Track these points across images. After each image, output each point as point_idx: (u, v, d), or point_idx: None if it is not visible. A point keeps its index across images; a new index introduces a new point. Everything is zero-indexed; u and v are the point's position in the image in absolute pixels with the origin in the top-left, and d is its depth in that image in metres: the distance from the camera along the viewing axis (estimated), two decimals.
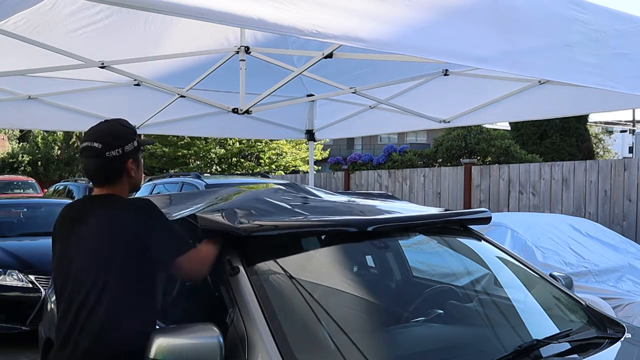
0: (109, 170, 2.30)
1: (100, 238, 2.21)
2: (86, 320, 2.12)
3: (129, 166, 2.32)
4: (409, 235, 3.01)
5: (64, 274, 2.27)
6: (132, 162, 2.33)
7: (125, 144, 2.30)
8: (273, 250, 2.56)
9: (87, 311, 2.13)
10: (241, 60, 4.20)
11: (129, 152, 2.31)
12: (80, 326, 2.13)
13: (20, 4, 1.85)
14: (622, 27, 2.64)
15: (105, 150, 2.26)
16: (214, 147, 21.81)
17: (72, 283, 2.21)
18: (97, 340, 2.11)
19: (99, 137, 2.29)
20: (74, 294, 2.18)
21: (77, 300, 2.16)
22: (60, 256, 2.33)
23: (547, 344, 2.32)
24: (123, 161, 2.30)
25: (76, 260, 2.23)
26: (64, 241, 2.32)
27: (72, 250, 2.26)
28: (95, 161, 2.28)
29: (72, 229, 2.30)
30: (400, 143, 25.55)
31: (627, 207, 7.65)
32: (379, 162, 14.91)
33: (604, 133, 22.31)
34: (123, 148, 2.28)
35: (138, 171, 2.39)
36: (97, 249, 2.20)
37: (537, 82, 4.42)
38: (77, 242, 2.26)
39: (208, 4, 1.68)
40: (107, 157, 2.26)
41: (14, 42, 3.52)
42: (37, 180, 22.44)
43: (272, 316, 2.14)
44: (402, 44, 2.08)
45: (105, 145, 2.26)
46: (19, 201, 9.83)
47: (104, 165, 2.28)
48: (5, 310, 6.13)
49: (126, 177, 2.34)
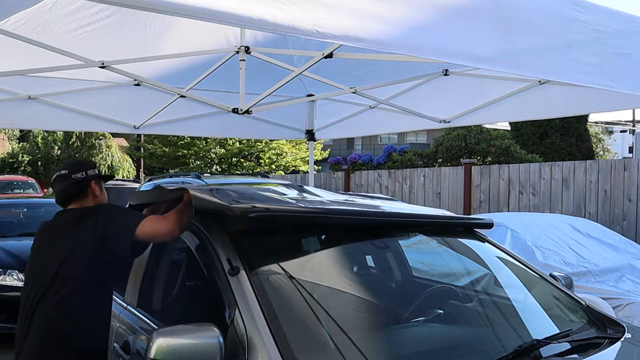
0: (73, 189, 2.76)
1: (55, 244, 2.64)
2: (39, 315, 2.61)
3: (92, 186, 2.79)
4: (407, 233, 3.01)
5: (27, 275, 2.78)
6: (95, 183, 2.80)
7: (88, 169, 2.80)
8: (273, 250, 2.56)
9: (41, 308, 2.60)
10: (241, 60, 4.20)
11: (92, 176, 2.79)
12: (30, 321, 2.65)
13: (20, 4, 1.84)
14: (622, 27, 2.64)
15: (71, 173, 2.76)
16: (214, 147, 21.82)
17: (31, 281, 2.69)
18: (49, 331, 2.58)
19: (65, 166, 2.83)
20: (31, 292, 2.66)
21: (33, 299, 2.64)
22: (32, 258, 2.79)
23: (547, 344, 2.32)
24: (87, 182, 2.78)
25: (34, 267, 2.71)
26: (32, 251, 2.80)
27: (34, 258, 2.74)
28: (63, 184, 2.75)
29: (36, 241, 2.79)
30: (400, 143, 25.55)
31: (627, 207, 7.65)
32: (379, 162, 14.91)
33: (604, 133, 22.31)
34: (86, 172, 2.78)
35: (102, 193, 2.83)
36: (53, 250, 2.63)
37: (537, 82, 4.41)
38: (37, 253, 2.74)
39: (208, 4, 1.68)
40: (73, 179, 2.75)
41: (14, 42, 3.52)
42: (37, 180, 22.42)
43: (272, 316, 2.14)
44: (402, 44, 2.08)
45: (70, 170, 2.78)
46: (19, 201, 9.84)
47: (70, 185, 2.75)
48: (5, 310, 6.13)
49: (91, 197, 2.79)
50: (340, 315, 2.40)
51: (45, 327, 2.60)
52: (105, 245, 2.57)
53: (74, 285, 2.57)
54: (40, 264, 2.66)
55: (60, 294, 2.56)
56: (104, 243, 2.57)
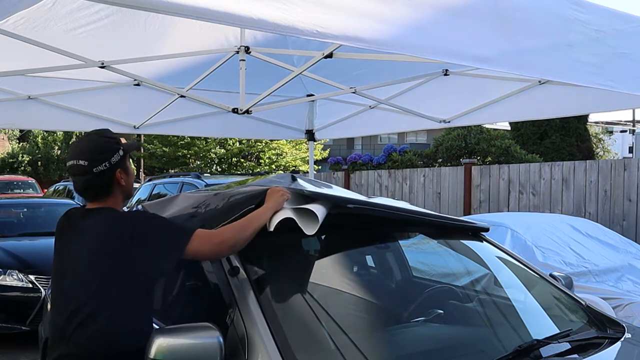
0: (98, 185, 2.29)
1: (92, 252, 2.20)
2: (81, 323, 2.13)
3: (118, 176, 2.31)
4: (408, 232, 3.01)
5: (60, 285, 2.30)
6: (121, 171, 2.32)
7: (111, 156, 2.28)
8: (273, 250, 2.56)
9: (83, 315, 2.13)
10: (241, 60, 4.20)
11: (116, 163, 2.29)
12: (74, 327, 2.13)
13: (19, 3, 1.84)
14: (622, 27, 2.64)
15: (92, 166, 2.25)
16: (214, 147, 21.82)
17: (68, 292, 2.23)
18: (91, 340, 2.12)
19: (84, 153, 2.28)
20: (70, 301, 2.19)
21: (73, 305, 2.17)
22: (56, 270, 2.35)
23: (547, 344, 2.32)
24: (112, 173, 2.29)
25: (68, 275, 2.24)
26: (61, 252, 2.34)
27: (67, 263, 2.27)
28: (83, 178, 2.27)
29: (68, 241, 2.31)
30: (400, 143, 25.55)
31: (627, 207, 7.65)
32: (379, 162, 14.90)
33: (604, 133, 22.29)
34: (109, 161, 2.27)
35: (128, 178, 2.37)
36: (91, 263, 2.19)
37: (537, 82, 4.42)
38: (71, 256, 2.26)
39: (208, 4, 1.68)
40: (95, 172, 2.25)
41: (14, 42, 3.52)
42: (37, 180, 22.44)
43: (272, 316, 2.14)
44: (402, 44, 2.07)
45: (91, 162, 2.25)
46: (19, 201, 9.83)
47: (93, 181, 2.27)
48: (5, 310, 6.13)
49: (118, 188, 2.32)
50: (340, 315, 2.41)
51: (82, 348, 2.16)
52: (143, 265, 2.19)
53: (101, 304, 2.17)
54: (72, 278, 2.24)
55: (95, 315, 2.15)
56: (141, 262, 2.18)
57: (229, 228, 2.32)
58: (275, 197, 2.43)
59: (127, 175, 2.36)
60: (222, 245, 2.26)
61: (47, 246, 7.10)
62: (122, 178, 2.32)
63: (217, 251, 2.28)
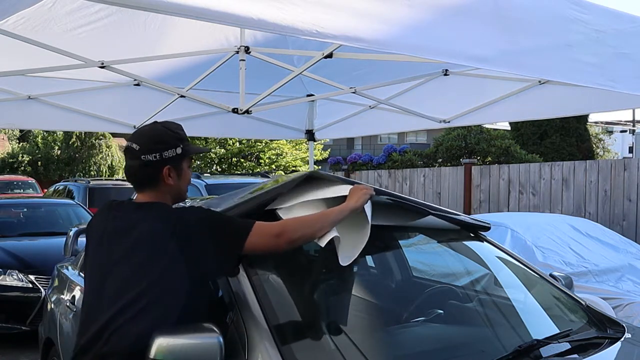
0: (142, 174, 2.18)
1: (139, 250, 2.07)
2: (121, 327, 2.00)
3: (164, 173, 2.16)
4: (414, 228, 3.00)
5: (97, 280, 2.14)
6: (171, 169, 2.17)
7: (165, 150, 2.15)
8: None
9: (123, 320, 2.01)
10: (241, 60, 4.21)
11: (168, 159, 2.16)
12: (111, 332, 2.00)
13: (19, 3, 1.84)
14: (622, 27, 2.64)
15: (141, 153, 2.15)
16: (214, 147, 21.81)
17: (109, 290, 2.08)
18: (131, 346, 1.99)
19: (140, 138, 2.19)
20: (112, 299, 2.05)
21: (117, 304, 2.03)
22: (93, 262, 2.21)
23: (547, 344, 2.32)
24: (159, 167, 2.15)
25: (110, 269, 2.10)
26: (99, 244, 2.20)
27: (108, 257, 2.13)
28: (132, 163, 2.18)
29: (111, 234, 2.17)
30: (400, 143, 25.54)
31: (627, 207, 7.65)
32: (379, 162, 14.92)
33: (604, 133, 22.30)
34: (161, 153, 2.15)
35: (179, 180, 2.22)
36: (137, 262, 2.06)
37: (537, 82, 4.42)
38: (114, 251, 2.12)
39: (208, 4, 1.68)
40: (142, 160, 2.14)
41: (14, 42, 3.52)
42: (37, 180, 22.42)
43: (272, 316, 2.14)
44: (402, 44, 2.08)
45: (142, 148, 2.15)
46: (19, 201, 9.83)
47: (139, 168, 2.16)
48: (5, 310, 6.13)
49: (164, 185, 2.18)
50: (340, 315, 2.41)
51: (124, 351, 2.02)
52: (197, 264, 2.06)
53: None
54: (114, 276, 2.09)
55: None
56: (195, 261, 2.06)
57: (293, 220, 2.20)
58: (359, 196, 2.26)
59: (179, 177, 2.22)
60: (280, 238, 2.12)
61: (47, 246, 7.13)
62: (171, 177, 2.18)
63: (275, 244, 2.13)
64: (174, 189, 2.22)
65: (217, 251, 2.08)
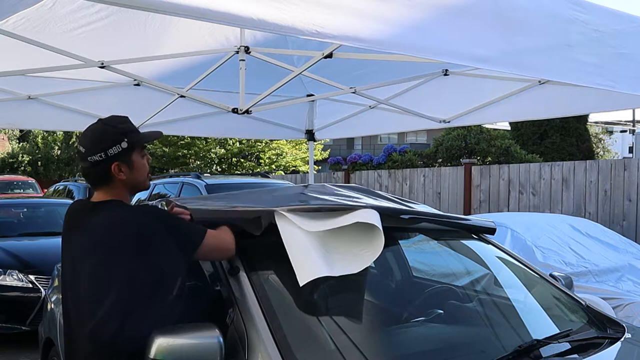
0: (93, 174, 2.21)
1: (96, 247, 2.13)
2: (86, 324, 2.08)
3: (114, 170, 2.18)
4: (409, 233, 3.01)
5: (65, 279, 2.27)
6: (120, 164, 2.19)
7: (109, 148, 2.16)
8: (273, 249, 2.55)
9: (87, 316, 2.08)
10: (241, 60, 4.21)
11: (113, 156, 2.17)
12: (80, 330, 2.10)
13: (19, 3, 1.84)
14: (622, 27, 2.64)
15: (87, 154, 2.18)
16: (214, 147, 21.81)
17: (72, 287, 2.21)
18: (100, 343, 2.05)
19: (83, 139, 2.22)
20: (75, 298, 2.18)
21: (77, 305, 2.16)
22: (63, 270, 2.31)
23: (547, 344, 2.32)
24: (107, 165, 2.17)
25: (70, 269, 2.22)
26: (65, 246, 2.29)
27: (70, 257, 2.24)
28: (83, 164, 2.23)
29: (71, 235, 2.25)
30: (400, 143, 25.54)
31: (627, 207, 7.65)
32: (379, 162, 14.92)
33: (604, 133, 22.30)
34: (106, 152, 2.16)
35: (132, 173, 2.23)
36: (95, 259, 2.12)
37: (537, 82, 4.42)
38: (74, 249, 2.21)
39: (208, 4, 1.68)
40: (90, 161, 2.18)
41: (14, 42, 3.52)
42: (37, 180, 22.41)
43: (272, 316, 2.14)
44: (402, 44, 2.08)
45: (87, 149, 2.18)
46: (19, 201, 9.83)
47: (89, 169, 2.20)
48: (5, 310, 6.13)
49: (116, 181, 2.20)
50: (340, 315, 2.40)
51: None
52: (149, 266, 2.09)
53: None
54: (77, 280, 2.18)
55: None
56: (146, 264, 2.09)
57: (220, 234, 2.33)
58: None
59: (131, 170, 2.22)
60: (229, 252, 2.31)
61: (47, 246, 7.14)
62: (122, 172, 2.20)
63: (222, 250, 2.31)
64: (128, 182, 2.24)
65: (170, 254, 2.13)
